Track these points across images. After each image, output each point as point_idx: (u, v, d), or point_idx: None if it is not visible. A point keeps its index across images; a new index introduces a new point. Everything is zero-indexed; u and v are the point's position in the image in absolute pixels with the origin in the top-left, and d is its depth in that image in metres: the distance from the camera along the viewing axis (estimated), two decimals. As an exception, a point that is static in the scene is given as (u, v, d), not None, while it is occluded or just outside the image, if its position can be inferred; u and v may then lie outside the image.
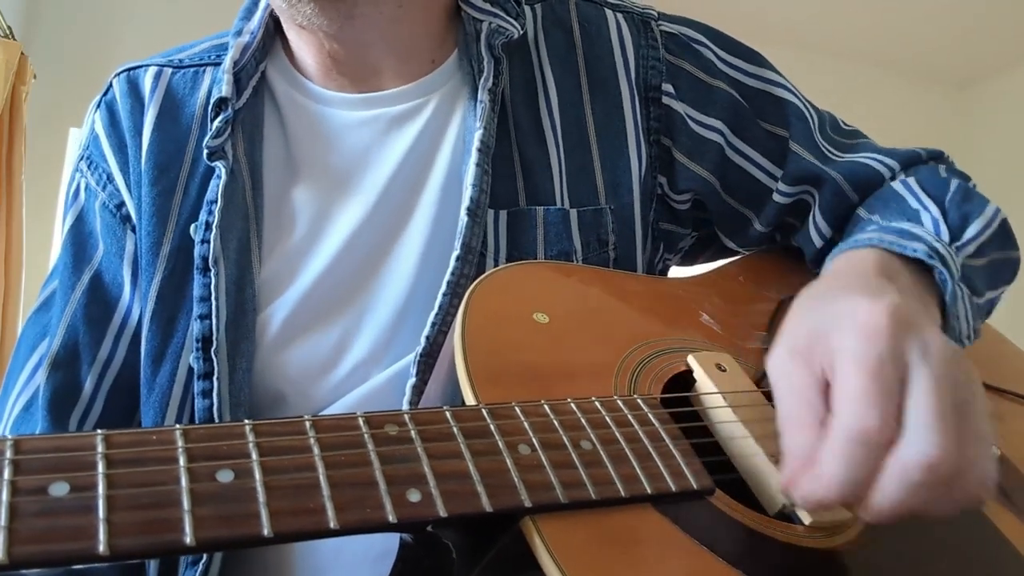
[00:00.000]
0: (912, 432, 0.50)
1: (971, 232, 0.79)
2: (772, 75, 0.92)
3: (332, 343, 0.79)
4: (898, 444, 0.50)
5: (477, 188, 0.78)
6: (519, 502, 0.48)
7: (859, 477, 0.49)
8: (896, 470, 0.49)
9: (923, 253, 0.70)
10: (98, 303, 0.83)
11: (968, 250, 0.77)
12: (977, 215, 0.81)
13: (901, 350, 0.52)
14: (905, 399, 0.51)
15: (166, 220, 0.81)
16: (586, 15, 0.92)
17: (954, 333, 0.71)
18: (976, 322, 0.77)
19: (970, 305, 0.74)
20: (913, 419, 0.50)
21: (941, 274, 0.70)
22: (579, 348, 0.65)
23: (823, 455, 0.50)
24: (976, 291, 0.78)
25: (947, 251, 0.72)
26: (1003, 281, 0.86)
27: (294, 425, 0.47)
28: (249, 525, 0.41)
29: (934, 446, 0.49)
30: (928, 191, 0.84)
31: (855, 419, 0.50)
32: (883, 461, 0.50)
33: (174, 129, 0.85)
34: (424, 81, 0.85)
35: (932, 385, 0.51)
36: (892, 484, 0.49)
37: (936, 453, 0.48)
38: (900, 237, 0.72)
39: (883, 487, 0.50)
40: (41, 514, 0.37)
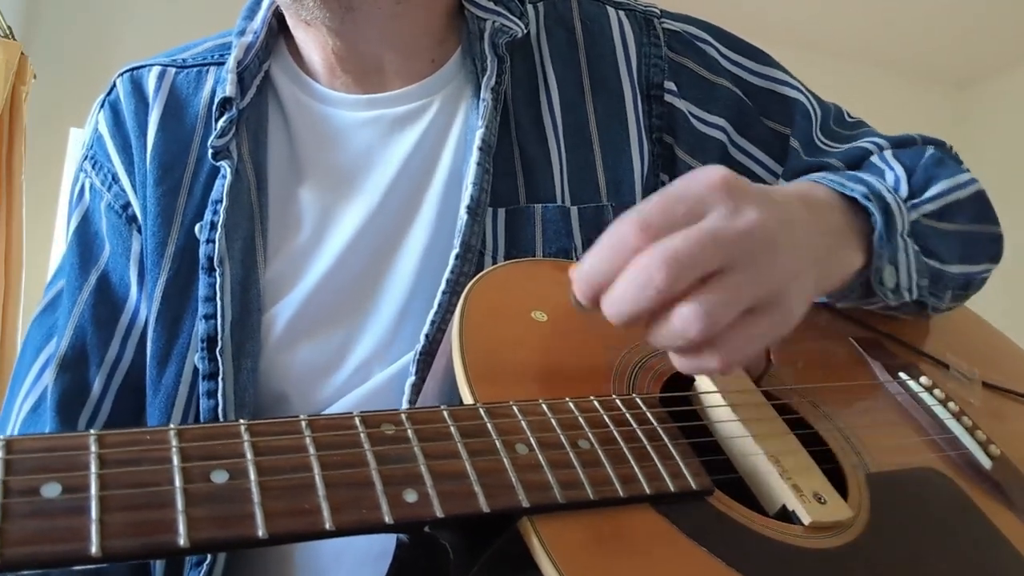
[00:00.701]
0: (655, 247, 0.51)
1: (933, 191, 0.79)
2: (776, 72, 0.92)
3: (336, 344, 0.79)
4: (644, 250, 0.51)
5: (478, 187, 0.78)
6: (517, 502, 0.47)
7: (601, 269, 0.53)
8: (628, 271, 0.51)
9: (859, 193, 0.70)
10: (105, 304, 0.83)
11: (926, 208, 0.77)
12: (944, 178, 0.81)
13: (707, 202, 0.54)
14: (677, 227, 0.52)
15: (171, 220, 0.81)
16: (588, 13, 0.91)
17: (882, 279, 0.72)
18: (929, 283, 0.77)
19: (915, 260, 0.74)
20: (666, 241, 0.51)
21: (873, 216, 0.70)
22: (577, 346, 0.65)
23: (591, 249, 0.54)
24: (936, 255, 0.78)
25: (894, 200, 0.72)
26: (983, 256, 0.85)
27: (290, 425, 0.46)
28: (244, 526, 0.40)
29: (654, 265, 0.50)
30: (901, 159, 0.85)
31: (622, 221, 0.53)
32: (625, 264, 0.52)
33: (178, 129, 0.85)
34: (428, 81, 0.85)
35: (702, 230, 0.52)
36: (619, 284, 0.52)
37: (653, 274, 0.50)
38: (845, 179, 0.73)
39: (614, 286, 0.52)
40: (33, 515, 0.37)
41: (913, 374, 0.77)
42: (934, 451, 0.70)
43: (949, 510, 0.65)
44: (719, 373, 0.57)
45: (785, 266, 0.54)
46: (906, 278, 0.73)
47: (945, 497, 0.66)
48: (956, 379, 0.80)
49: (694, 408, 0.64)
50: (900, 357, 0.80)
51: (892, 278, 0.72)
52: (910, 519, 0.62)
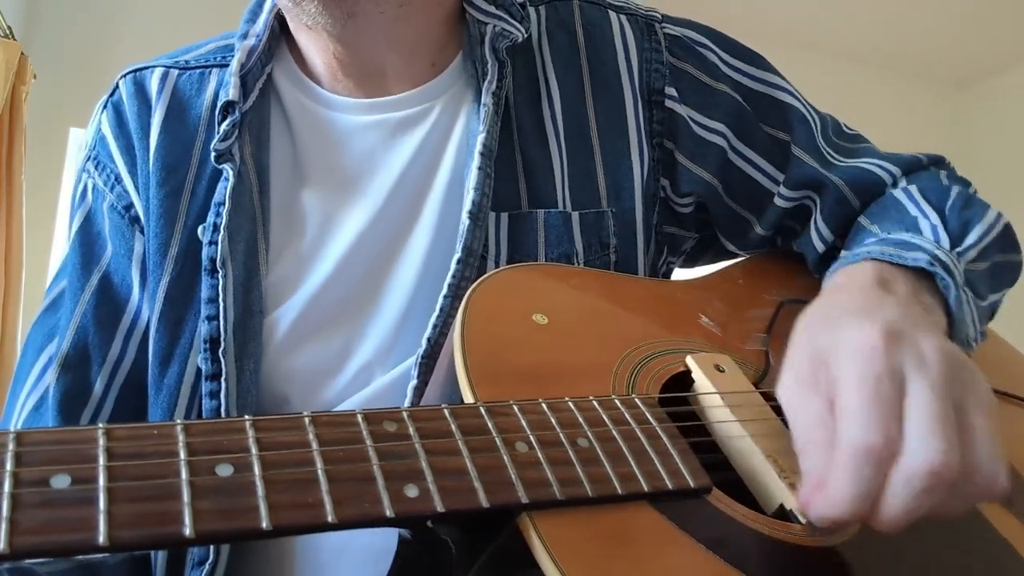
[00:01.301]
0: (913, 441, 0.51)
1: (972, 238, 0.79)
2: (775, 79, 0.92)
3: (338, 347, 0.80)
4: (901, 455, 0.51)
5: (479, 192, 0.78)
6: (516, 498, 0.48)
7: (867, 491, 0.51)
8: (901, 480, 0.51)
9: (924, 262, 0.71)
10: (107, 304, 0.83)
11: (970, 255, 0.77)
12: (978, 221, 0.81)
13: (897, 364, 0.54)
14: (905, 411, 0.52)
15: (174, 221, 0.81)
16: (590, 17, 0.92)
17: (961, 336, 0.71)
18: (981, 324, 0.78)
19: (976, 308, 0.75)
20: (913, 428, 0.51)
21: (943, 280, 0.70)
22: (578, 349, 0.66)
23: (831, 474, 0.52)
24: (979, 295, 0.78)
25: (948, 257, 0.73)
26: (1005, 284, 0.86)
27: (293, 421, 0.47)
28: (248, 518, 0.41)
29: (936, 451, 0.50)
30: (928, 198, 0.84)
31: (858, 437, 0.51)
32: (889, 474, 0.51)
33: (181, 130, 0.85)
34: (429, 86, 0.86)
35: (928, 392, 0.52)
36: (899, 495, 0.51)
37: (938, 459, 0.50)
38: (899, 248, 0.73)
39: (891, 498, 0.51)
40: (42, 505, 0.38)
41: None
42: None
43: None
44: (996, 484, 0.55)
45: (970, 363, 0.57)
46: (972, 329, 0.73)
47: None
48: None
49: (693, 408, 0.64)
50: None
51: (965, 332, 0.73)
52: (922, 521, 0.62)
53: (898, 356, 0.54)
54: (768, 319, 0.83)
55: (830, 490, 0.52)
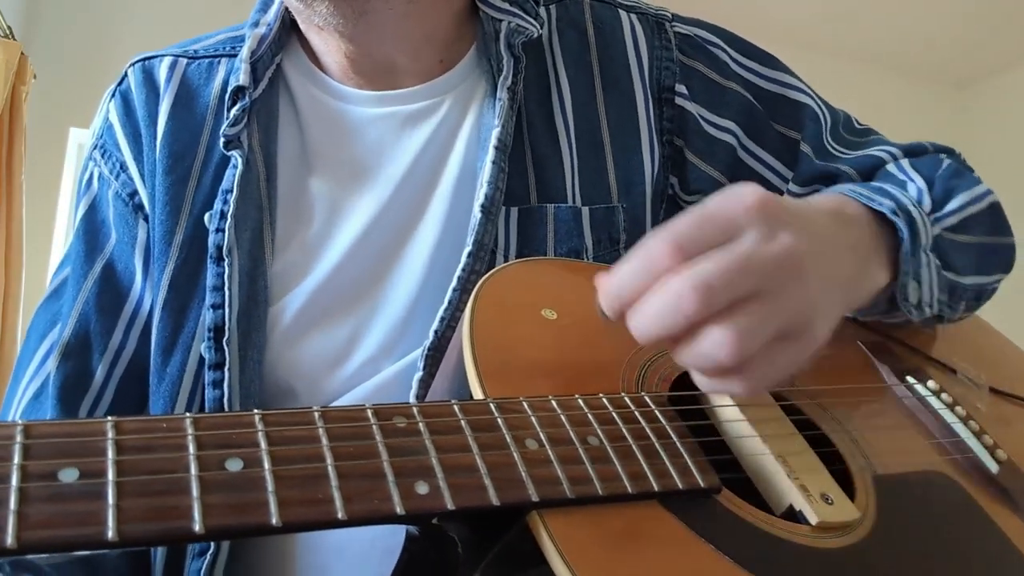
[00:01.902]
0: (688, 270, 0.51)
1: (953, 204, 0.79)
2: (786, 77, 0.93)
3: (343, 338, 0.79)
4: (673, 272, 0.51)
5: (493, 186, 0.78)
6: (526, 496, 0.47)
7: (629, 285, 0.53)
8: (657, 289, 0.51)
9: (887, 208, 0.70)
10: (110, 292, 0.83)
11: (948, 221, 0.77)
12: (963, 190, 0.82)
13: (742, 225, 0.54)
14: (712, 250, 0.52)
15: (180, 209, 0.81)
16: (600, 16, 0.92)
17: (906, 294, 0.72)
18: (947, 296, 0.77)
19: (936, 275, 0.74)
20: (699, 264, 0.51)
21: (901, 232, 0.70)
22: (587, 345, 0.65)
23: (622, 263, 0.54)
24: (953, 267, 0.78)
25: (919, 214, 0.72)
26: (995, 267, 0.86)
27: (303, 415, 0.47)
28: (258, 514, 0.40)
29: (685, 288, 0.50)
30: (918, 169, 0.85)
31: (659, 238, 0.53)
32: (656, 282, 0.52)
33: (189, 118, 0.85)
34: (440, 80, 0.86)
35: (734, 254, 0.52)
36: (647, 300, 0.52)
37: (684, 296, 0.50)
38: (873, 192, 0.73)
39: (642, 303, 0.52)
40: (50, 499, 0.37)
41: (920, 378, 0.77)
42: (941, 454, 0.70)
43: (955, 513, 0.65)
44: (742, 396, 0.56)
45: (815, 293, 0.55)
46: (928, 293, 0.73)
47: (951, 500, 0.66)
48: (963, 384, 0.81)
49: (702, 408, 0.64)
50: (908, 361, 0.80)
51: (915, 294, 0.73)
52: (916, 521, 0.62)
53: (753, 222, 0.54)
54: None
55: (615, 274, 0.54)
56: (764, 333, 0.52)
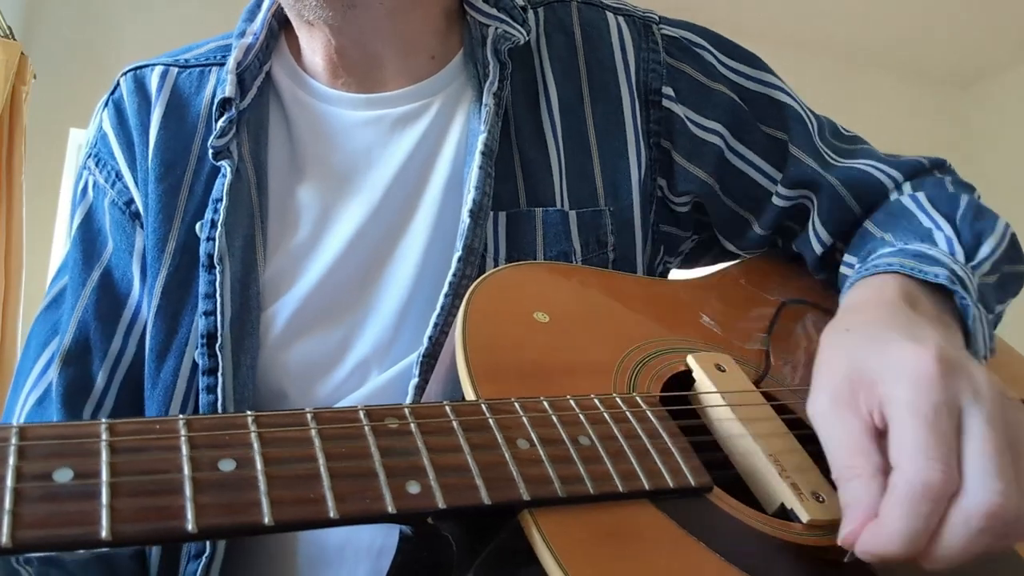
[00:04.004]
0: (973, 480, 0.50)
1: (984, 251, 0.79)
2: (773, 79, 0.93)
3: (335, 342, 0.80)
4: (960, 494, 0.50)
5: (480, 191, 0.78)
6: (517, 495, 0.48)
7: (923, 529, 0.50)
8: (960, 520, 0.50)
9: (944, 279, 0.70)
10: (108, 299, 0.84)
11: (983, 269, 0.77)
12: (990, 233, 0.81)
13: (954, 396, 0.53)
14: (963, 446, 0.51)
15: (172, 217, 0.82)
16: (588, 19, 0.92)
17: (976, 354, 0.71)
18: (991, 340, 0.77)
19: (986, 324, 0.74)
20: (972, 467, 0.50)
21: (963, 299, 0.70)
22: (579, 347, 0.66)
23: (886, 510, 0.51)
24: (989, 308, 0.78)
25: (964, 273, 0.72)
26: (1011, 294, 0.86)
27: (296, 417, 0.47)
28: (250, 513, 0.41)
29: (996, 493, 0.49)
30: (938, 208, 0.84)
31: (918, 473, 0.50)
32: (947, 512, 0.50)
33: (180, 128, 0.85)
34: (428, 82, 0.86)
35: (987, 429, 0.51)
36: (956, 535, 0.50)
37: (998, 500, 0.49)
38: (919, 262, 0.72)
39: (947, 537, 0.50)
40: (45, 499, 0.38)
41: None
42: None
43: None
44: None
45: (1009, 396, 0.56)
46: (982, 346, 0.72)
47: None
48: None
49: (694, 408, 0.64)
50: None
51: (976, 348, 0.72)
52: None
53: (954, 387, 0.53)
54: (769, 319, 0.83)
55: (884, 525, 0.50)
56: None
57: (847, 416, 0.55)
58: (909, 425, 0.52)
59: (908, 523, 0.49)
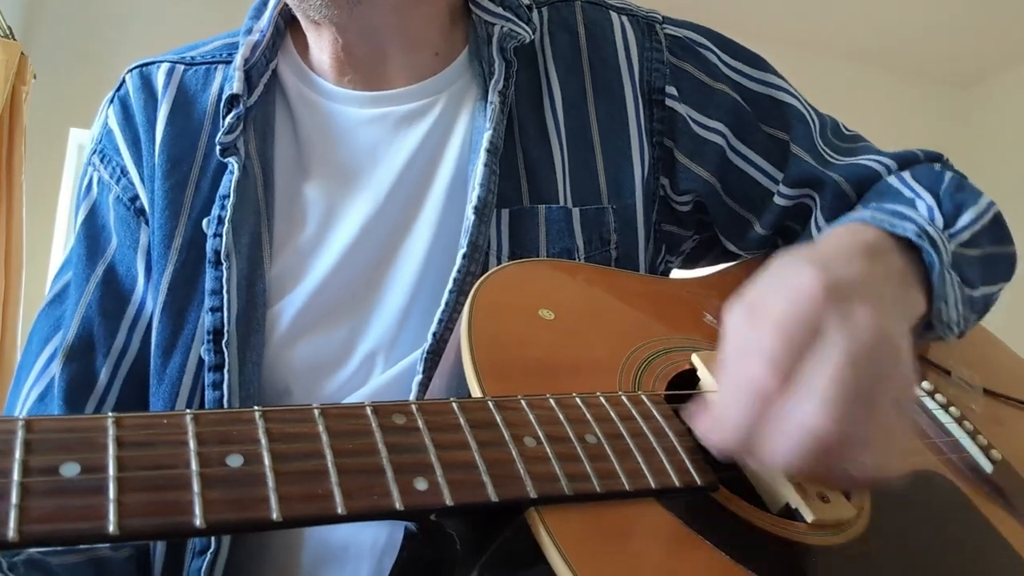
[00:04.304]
0: (800, 395, 0.51)
1: (965, 220, 0.79)
2: (775, 79, 0.93)
3: (340, 339, 0.80)
4: (789, 404, 0.51)
5: (485, 188, 0.78)
6: (524, 493, 0.48)
7: (746, 424, 0.52)
8: (779, 427, 0.51)
9: (912, 232, 0.70)
10: (112, 295, 0.84)
11: (962, 237, 0.78)
12: (971, 204, 0.81)
13: (820, 318, 0.54)
14: (806, 361, 0.52)
15: (178, 213, 0.82)
16: (591, 18, 0.92)
17: (941, 316, 0.71)
18: (967, 312, 0.77)
19: (961, 294, 0.74)
20: (808, 381, 0.51)
21: (928, 255, 0.70)
22: (584, 345, 0.66)
23: (720, 400, 0.54)
24: (968, 282, 0.78)
25: (938, 235, 0.72)
26: (999, 277, 0.86)
27: (303, 413, 0.47)
28: (258, 509, 0.41)
29: (817, 415, 0.50)
30: (921, 183, 0.85)
31: (750, 367, 0.53)
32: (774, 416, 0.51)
33: (186, 124, 0.86)
34: (433, 80, 0.86)
35: (838, 358, 0.52)
36: (774, 438, 0.51)
37: (817, 421, 0.50)
38: (893, 217, 0.73)
39: (768, 438, 0.52)
40: (52, 493, 0.37)
41: (915, 378, 0.78)
42: (936, 454, 0.70)
43: (950, 512, 0.66)
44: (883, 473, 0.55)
45: (903, 351, 0.56)
46: (955, 312, 0.73)
47: (946, 499, 0.67)
48: (958, 386, 0.81)
49: None
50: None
51: (946, 314, 0.72)
52: (911, 519, 0.63)
53: (826, 311, 0.54)
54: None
55: (719, 414, 0.54)
56: (896, 426, 0.53)
57: (741, 323, 0.56)
58: (766, 331, 0.53)
59: (734, 412, 0.53)
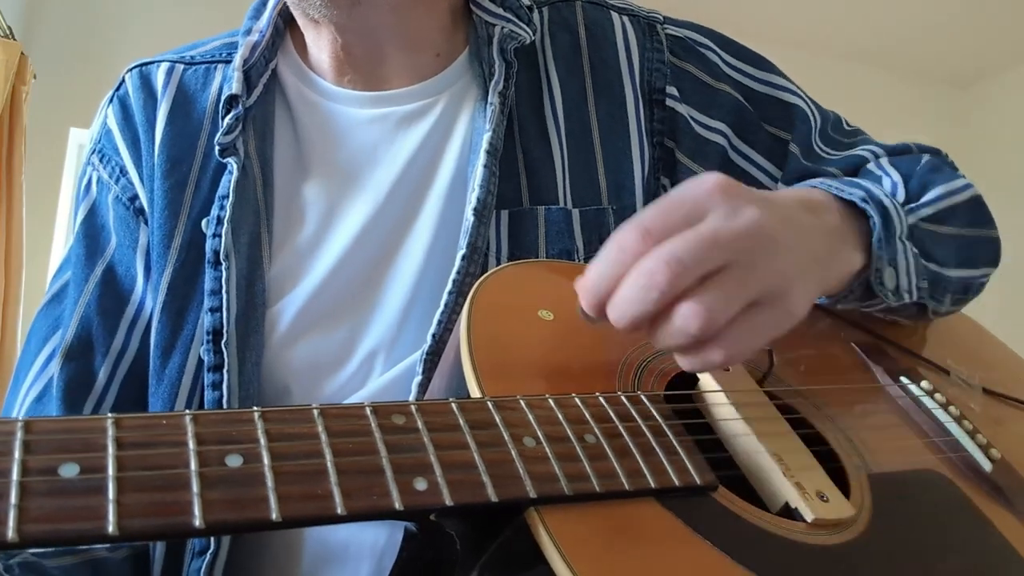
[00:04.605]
0: (658, 250, 0.52)
1: (930, 196, 0.80)
2: (778, 79, 0.93)
3: (339, 340, 0.80)
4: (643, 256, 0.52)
5: (484, 189, 0.78)
6: (524, 493, 0.48)
7: (610, 274, 0.54)
8: (631, 276, 0.52)
9: (857, 197, 0.71)
10: (111, 295, 0.84)
11: (924, 212, 0.78)
12: (940, 183, 0.82)
13: (705, 202, 0.55)
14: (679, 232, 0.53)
15: (178, 213, 0.82)
16: (592, 18, 0.92)
17: (882, 279, 0.72)
18: (931, 288, 0.78)
19: (915, 262, 0.75)
20: (669, 244, 0.52)
21: (871, 217, 0.71)
22: (583, 345, 0.66)
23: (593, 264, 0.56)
24: (934, 258, 0.78)
25: (892, 204, 0.73)
26: (981, 261, 0.86)
27: (302, 413, 0.47)
28: (258, 509, 0.41)
29: (665, 267, 0.51)
30: (898, 167, 0.86)
31: (622, 233, 0.54)
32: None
33: (186, 124, 0.86)
34: (433, 80, 0.86)
35: (703, 229, 0.53)
36: (623, 289, 0.53)
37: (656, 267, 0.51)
38: (843, 184, 0.74)
39: (620, 288, 0.53)
40: (51, 494, 0.37)
41: (914, 378, 0.78)
42: (935, 453, 0.70)
43: (950, 511, 0.66)
44: (722, 367, 0.58)
45: (785, 262, 0.56)
46: (906, 280, 0.74)
47: (946, 498, 0.67)
48: (957, 384, 0.81)
49: (698, 406, 0.64)
50: (901, 362, 0.81)
51: (892, 280, 0.73)
52: (911, 519, 0.63)
53: (716, 199, 0.55)
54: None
55: (587, 274, 0.56)
56: (734, 301, 0.53)
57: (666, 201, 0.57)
58: (660, 201, 0.55)
59: (603, 263, 0.55)
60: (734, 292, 0.52)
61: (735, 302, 0.52)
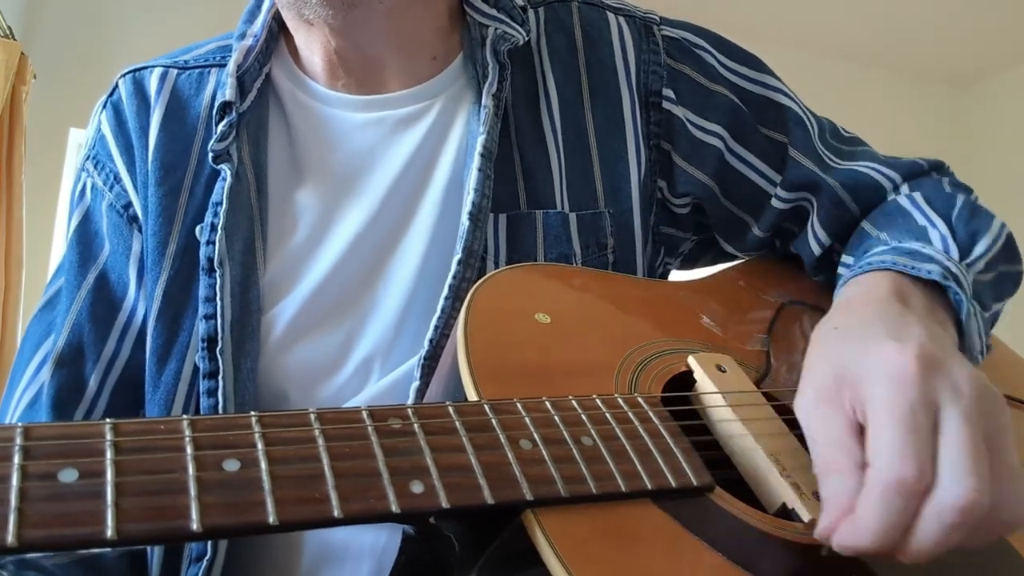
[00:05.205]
0: (946, 477, 0.50)
1: (980, 249, 0.79)
2: (773, 81, 0.93)
3: (335, 345, 0.80)
4: (934, 490, 0.50)
5: (479, 193, 0.78)
6: (520, 495, 0.48)
7: (896, 524, 0.50)
8: (933, 515, 0.50)
9: (938, 275, 0.70)
10: (103, 302, 0.84)
11: (978, 267, 0.77)
12: (985, 231, 0.81)
13: (932, 394, 0.53)
14: (938, 443, 0.52)
15: (172, 220, 0.82)
16: (588, 19, 0.92)
17: (971, 352, 0.71)
18: (986, 337, 0.77)
19: (981, 321, 0.74)
20: (947, 463, 0.51)
21: (956, 295, 0.70)
22: (580, 348, 0.66)
23: (861, 504, 0.51)
24: (984, 306, 0.78)
25: (959, 270, 0.72)
26: (1007, 293, 0.86)
27: (299, 417, 0.47)
28: (255, 513, 0.41)
29: (969, 489, 0.49)
30: (934, 207, 0.84)
31: (892, 470, 0.51)
32: (920, 508, 0.51)
33: (180, 130, 0.85)
34: (428, 84, 0.86)
35: (963, 425, 0.52)
36: (929, 530, 0.50)
37: (971, 496, 0.49)
38: (913, 259, 0.72)
39: (921, 533, 0.51)
40: (50, 499, 0.38)
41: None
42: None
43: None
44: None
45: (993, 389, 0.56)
46: (978, 341, 0.73)
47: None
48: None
49: (695, 408, 0.64)
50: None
51: (970, 343, 0.72)
52: None
53: (932, 385, 0.54)
54: (768, 320, 0.83)
55: (859, 520, 0.51)
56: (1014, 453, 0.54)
57: (830, 413, 0.56)
58: (885, 423, 0.52)
59: (881, 518, 0.50)
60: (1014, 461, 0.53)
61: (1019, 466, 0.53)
